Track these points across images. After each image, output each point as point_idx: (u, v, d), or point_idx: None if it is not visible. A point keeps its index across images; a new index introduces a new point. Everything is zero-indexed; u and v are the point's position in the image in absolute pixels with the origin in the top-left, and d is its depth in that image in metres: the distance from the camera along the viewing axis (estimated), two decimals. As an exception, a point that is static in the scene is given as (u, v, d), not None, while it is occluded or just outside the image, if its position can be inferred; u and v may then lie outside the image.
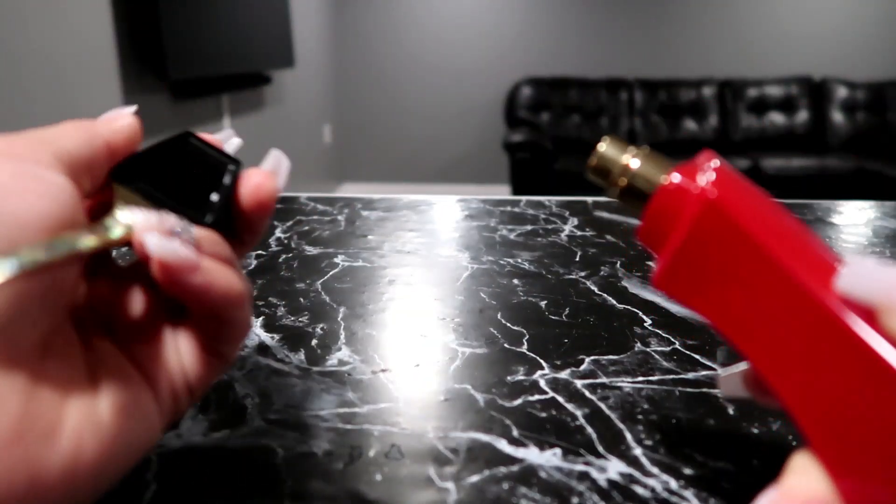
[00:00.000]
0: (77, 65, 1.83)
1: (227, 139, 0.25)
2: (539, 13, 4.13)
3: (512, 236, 0.65)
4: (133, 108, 0.23)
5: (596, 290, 0.51)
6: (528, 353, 0.40)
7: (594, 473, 0.29)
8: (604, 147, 0.23)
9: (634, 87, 3.96)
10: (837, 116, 3.85)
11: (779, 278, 0.19)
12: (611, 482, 0.28)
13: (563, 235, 0.65)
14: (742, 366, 0.25)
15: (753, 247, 0.19)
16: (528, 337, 0.42)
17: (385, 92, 4.29)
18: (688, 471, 0.29)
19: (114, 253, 0.24)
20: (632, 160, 0.22)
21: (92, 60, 1.89)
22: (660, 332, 0.44)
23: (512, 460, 0.30)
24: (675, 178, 0.21)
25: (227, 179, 0.23)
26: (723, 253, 0.20)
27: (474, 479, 0.29)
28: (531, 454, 0.30)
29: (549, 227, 0.68)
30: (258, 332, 0.43)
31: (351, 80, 4.27)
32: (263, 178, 0.24)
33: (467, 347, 0.41)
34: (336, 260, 0.58)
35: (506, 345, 0.41)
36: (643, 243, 0.22)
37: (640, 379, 0.37)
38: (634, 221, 0.71)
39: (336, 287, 0.52)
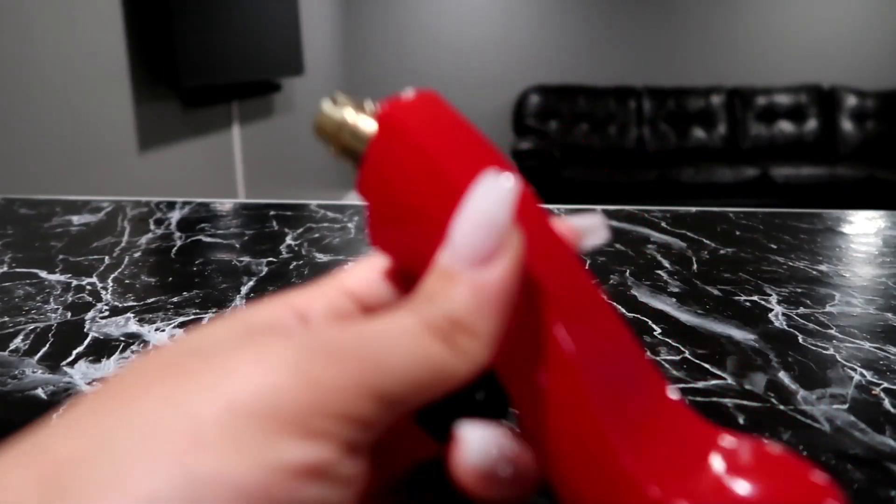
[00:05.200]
0: (89, 73, 1.85)
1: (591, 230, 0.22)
2: (547, 21, 4.14)
3: (521, 244, 0.65)
4: None
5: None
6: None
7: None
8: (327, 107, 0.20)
9: (643, 96, 3.96)
10: (847, 125, 3.83)
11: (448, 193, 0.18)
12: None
13: (571, 244, 0.65)
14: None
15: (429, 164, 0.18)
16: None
17: (393, 100, 4.30)
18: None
19: None
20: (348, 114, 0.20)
21: (103, 68, 1.91)
22: (669, 341, 0.44)
23: (522, 468, 0.30)
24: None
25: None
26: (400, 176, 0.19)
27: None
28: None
29: (558, 235, 0.68)
30: (269, 338, 0.43)
31: (360, 87, 4.29)
32: None
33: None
34: (346, 267, 0.59)
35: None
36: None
37: (650, 388, 0.37)
38: (643, 230, 0.71)
39: (346, 294, 0.52)
